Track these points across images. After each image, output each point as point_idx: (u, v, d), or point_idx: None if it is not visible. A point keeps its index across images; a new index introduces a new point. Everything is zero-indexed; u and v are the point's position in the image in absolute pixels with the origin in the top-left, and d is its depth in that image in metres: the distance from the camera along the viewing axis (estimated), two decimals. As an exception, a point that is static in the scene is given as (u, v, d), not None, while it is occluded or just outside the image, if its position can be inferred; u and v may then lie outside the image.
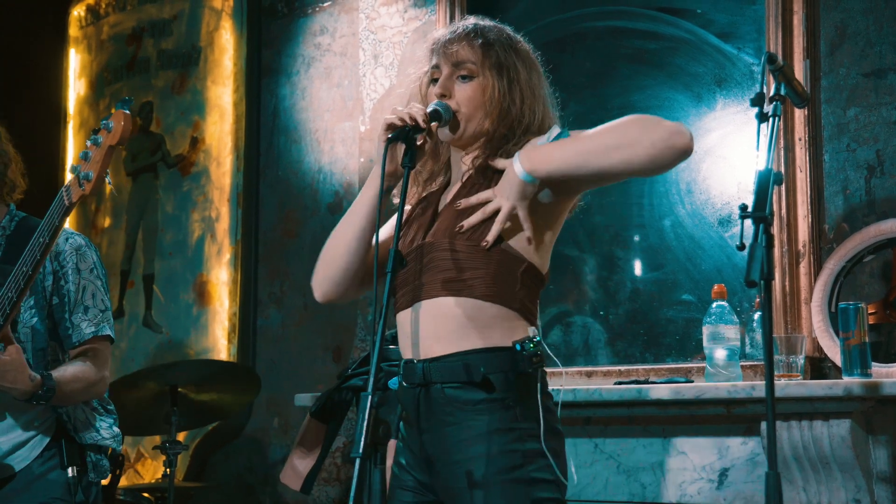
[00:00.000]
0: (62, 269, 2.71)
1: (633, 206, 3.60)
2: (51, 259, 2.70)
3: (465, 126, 2.18)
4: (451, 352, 2.06)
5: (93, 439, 2.68)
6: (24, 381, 2.48)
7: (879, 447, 2.93)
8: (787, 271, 3.22)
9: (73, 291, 2.70)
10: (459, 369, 2.04)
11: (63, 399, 2.60)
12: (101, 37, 5.33)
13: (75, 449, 2.65)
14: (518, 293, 2.09)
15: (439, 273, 2.09)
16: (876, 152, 3.19)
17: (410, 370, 2.11)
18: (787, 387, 2.88)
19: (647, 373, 3.38)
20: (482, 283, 2.06)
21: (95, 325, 2.70)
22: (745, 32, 3.45)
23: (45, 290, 2.69)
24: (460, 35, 2.21)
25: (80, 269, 2.72)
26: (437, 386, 2.07)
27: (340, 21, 4.51)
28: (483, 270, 2.07)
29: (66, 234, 2.74)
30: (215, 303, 4.67)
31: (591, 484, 3.30)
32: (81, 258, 2.73)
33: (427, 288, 2.10)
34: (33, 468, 2.62)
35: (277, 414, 4.46)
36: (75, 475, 2.62)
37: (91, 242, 2.82)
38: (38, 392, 2.52)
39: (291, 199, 4.57)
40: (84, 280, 2.72)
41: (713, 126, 3.48)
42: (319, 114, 4.52)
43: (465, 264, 2.07)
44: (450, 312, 2.07)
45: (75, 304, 2.70)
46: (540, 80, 2.24)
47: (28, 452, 2.62)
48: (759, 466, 3.06)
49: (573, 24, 3.82)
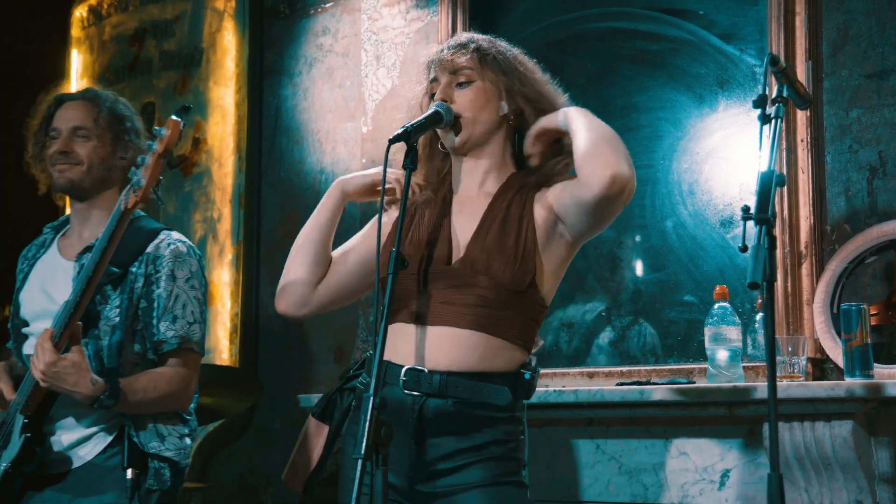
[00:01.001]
0: (156, 274, 2.65)
1: (634, 207, 3.60)
2: (147, 262, 2.65)
3: (472, 129, 2.18)
4: (467, 369, 2.09)
5: (154, 448, 2.59)
6: (85, 385, 2.44)
7: (881, 448, 2.93)
8: (789, 272, 3.21)
9: (163, 298, 2.63)
10: (487, 390, 2.09)
11: (131, 407, 2.55)
12: (104, 37, 5.33)
13: (137, 451, 2.57)
14: (535, 332, 2.19)
15: (470, 306, 2.10)
16: (878, 153, 3.19)
17: (422, 378, 2.09)
18: (788, 388, 2.87)
19: (648, 374, 3.38)
20: (514, 326, 2.12)
21: (181, 335, 2.63)
22: (748, 34, 3.44)
23: (133, 292, 2.64)
24: (455, 46, 2.24)
25: (175, 276, 2.66)
26: (448, 400, 2.08)
27: (342, 22, 4.51)
28: (516, 312, 2.12)
29: (169, 240, 2.70)
30: (217, 303, 4.67)
31: (592, 485, 3.30)
32: (179, 265, 2.67)
33: (452, 315, 2.11)
34: (95, 463, 2.58)
35: (279, 415, 4.46)
36: (134, 478, 2.54)
37: (197, 251, 2.76)
38: (101, 397, 2.46)
39: (293, 199, 4.57)
40: (178, 289, 2.66)
41: (715, 127, 3.48)
42: (321, 114, 4.52)
43: (499, 303, 2.10)
44: (475, 344, 2.10)
45: (164, 311, 2.63)
46: (542, 80, 2.27)
47: (91, 448, 2.59)
48: (760, 468, 3.06)
49: (575, 26, 3.82)
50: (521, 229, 2.13)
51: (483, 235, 2.14)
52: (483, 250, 2.12)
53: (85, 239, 2.73)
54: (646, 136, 3.61)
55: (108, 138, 2.76)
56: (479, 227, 2.16)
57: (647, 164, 3.59)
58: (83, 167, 2.72)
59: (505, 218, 2.15)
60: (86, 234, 2.74)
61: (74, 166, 2.72)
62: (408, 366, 2.11)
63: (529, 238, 2.12)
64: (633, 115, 3.65)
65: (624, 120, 3.66)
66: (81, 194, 2.75)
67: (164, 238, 2.71)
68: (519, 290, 2.10)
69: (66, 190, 2.76)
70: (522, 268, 2.10)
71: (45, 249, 2.81)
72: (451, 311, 2.10)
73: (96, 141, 2.74)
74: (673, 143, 3.56)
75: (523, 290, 2.10)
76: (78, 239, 2.76)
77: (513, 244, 2.11)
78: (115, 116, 2.79)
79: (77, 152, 2.72)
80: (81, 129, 2.74)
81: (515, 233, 2.13)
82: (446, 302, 2.11)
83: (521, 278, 2.10)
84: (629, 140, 3.59)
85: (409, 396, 2.09)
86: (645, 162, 3.60)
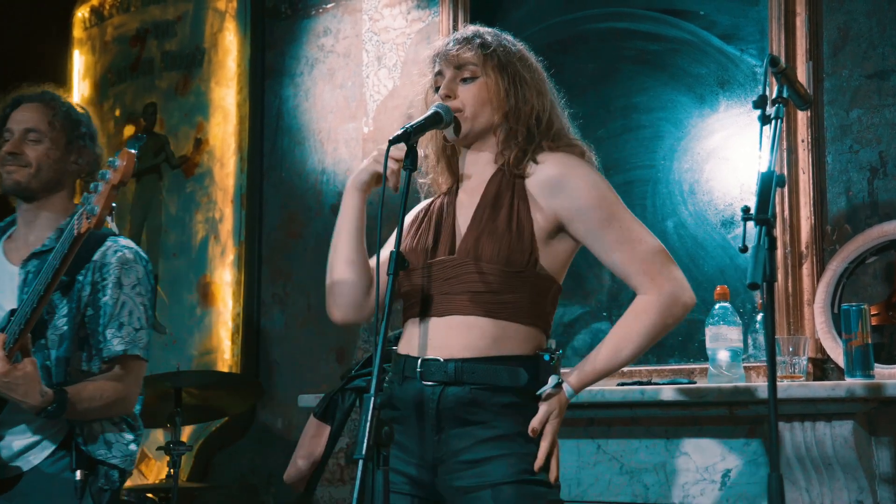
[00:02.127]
0: (102, 282, 2.67)
1: (636, 208, 3.58)
2: (94, 270, 2.67)
3: (472, 124, 2.20)
4: (483, 355, 2.10)
5: (102, 456, 2.63)
6: (34, 396, 2.46)
7: (882, 448, 2.93)
8: (790, 273, 3.22)
9: (109, 305, 2.65)
10: (501, 373, 2.09)
11: (77, 415, 2.57)
12: (105, 38, 5.33)
13: (85, 457, 2.61)
14: (549, 314, 2.19)
15: (471, 292, 2.11)
16: (879, 154, 3.19)
17: (437, 368, 2.10)
18: (789, 388, 2.88)
19: (649, 374, 3.39)
20: (520, 308, 2.12)
21: (126, 343, 2.65)
22: (748, 34, 3.45)
23: (80, 300, 2.65)
24: (460, 40, 2.25)
25: (122, 283, 2.68)
26: (465, 387, 2.09)
27: (344, 22, 4.52)
28: (520, 294, 2.12)
29: (116, 247, 2.71)
30: (219, 304, 4.67)
31: (594, 485, 3.31)
32: (126, 273, 2.69)
33: (459, 303, 2.12)
34: (42, 468, 2.60)
35: (281, 415, 4.47)
36: (83, 479, 2.58)
37: (144, 257, 2.77)
38: (48, 408, 2.49)
39: (295, 200, 4.57)
40: (124, 296, 2.67)
41: (716, 128, 3.48)
42: (323, 115, 4.53)
43: (499, 286, 2.11)
44: (485, 329, 2.11)
45: (110, 318, 2.65)
46: (542, 78, 2.28)
47: (38, 454, 2.61)
48: (761, 468, 3.06)
49: (576, 26, 3.82)
50: (513, 211, 2.14)
51: (478, 222, 2.16)
52: (478, 236, 2.14)
53: (31, 243, 2.73)
54: (647, 137, 3.61)
55: (62, 142, 2.76)
56: (475, 215, 2.18)
57: (647, 165, 3.60)
58: (31, 170, 2.72)
59: (495, 203, 2.16)
60: (31, 238, 2.75)
61: (22, 168, 2.72)
62: (422, 357, 2.13)
63: (523, 219, 2.14)
64: (633, 116, 3.65)
65: (625, 120, 3.66)
66: (29, 196, 2.75)
67: (111, 245, 2.72)
68: (518, 270, 2.11)
69: (13, 191, 2.76)
70: (518, 248, 2.11)
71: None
72: (457, 300, 2.12)
73: (48, 144, 2.74)
74: (674, 143, 3.56)
75: (523, 269, 2.11)
76: (24, 243, 2.75)
77: (505, 227, 2.13)
78: (71, 120, 2.78)
79: (27, 154, 2.72)
80: (34, 131, 2.74)
81: (507, 216, 2.14)
82: (451, 291, 2.13)
83: (517, 258, 2.11)
84: (630, 140, 3.66)
85: (427, 388, 2.11)
86: (646, 162, 3.60)
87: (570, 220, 2.15)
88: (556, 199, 2.15)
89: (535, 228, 2.14)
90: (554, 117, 2.26)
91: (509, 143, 2.21)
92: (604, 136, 3.67)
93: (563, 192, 2.15)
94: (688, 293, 2.14)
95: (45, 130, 2.74)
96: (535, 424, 2.09)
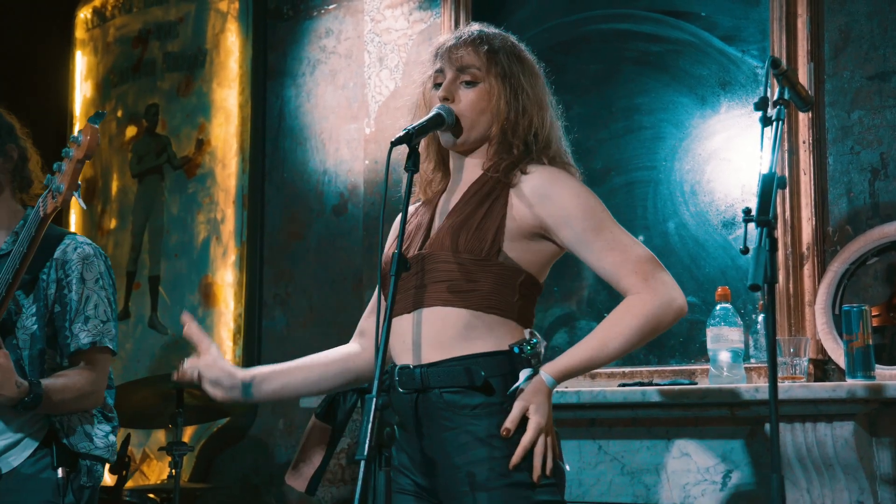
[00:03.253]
0: (66, 278, 2.69)
1: (637, 208, 3.60)
2: (56, 267, 2.69)
3: (469, 132, 2.19)
4: (450, 357, 2.08)
5: (85, 448, 2.65)
6: (9, 388, 2.48)
7: (883, 449, 2.93)
8: (791, 274, 3.22)
9: (74, 301, 2.68)
10: (460, 374, 2.05)
11: (52, 408, 2.59)
12: (108, 39, 5.34)
13: (67, 452, 2.63)
14: (516, 303, 2.11)
15: (440, 283, 2.10)
16: (880, 155, 3.20)
17: (407, 376, 2.10)
18: (790, 389, 2.88)
19: (650, 374, 3.39)
20: (481, 294, 2.08)
21: (94, 335, 2.68)
22: (749, 35, 3.45)
23: (47, 298, 2.68)
24: (465, 40, 2.21)
25: (84, 278, 2.71)
26: (435, 391, 2.07)
27: (345, 23, 4.52)
28: (482, 282, 2.08)
29: (75, 244, 2.73)
30: (220, 304, 4.68)
31: (595, 485, 3.31)
32: (88, 268, 2.72)
33: (427, 296, 2.10)
34: (23, 469, 2.61)
35: (283, 415, 4.47)
36: (65, 476, 2.60)
37: (102, 252, 2.80)
38: (25, 399, 2.51)
39: (296, 200, 4.58)
40: (88, 290, 2.70)
41: (717, 129, 3.49)
42: (324, 116, 4.53)
43: (465, 276, 2.08)
44: (449, 321, 2.08)
45: (76, 313, 2.68)
46: (544, 90, 2.24)
47: (18, 453, 2.62)
48: (762, 469, 3.06)
49: (578, 27, 3.82)
50: (485, 204, 2.13)
51: (451, 219, 2.15)
52: (449, 228, 2.12)
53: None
54: (648, 138, 3.62)
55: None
56: (449, 213, 2.17)
57: (649, 166, 3.60)
58: None
59: (471, 201, 2.15)
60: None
61: None
62: (399, 364, 2.13)
63: (495, 213, 2.11)
64: (635, 117, 3.66)
65: (626, 121, 3.67)
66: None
67: (71, 242, 2.74)
68: (480, 257, 2.07)
69: None
70: (481, 236, 2.08)
71: None
72: (424, 293, 2.10)
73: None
74: (675, 144, 3.56)
75: (487, 257, 2.07)
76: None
77: (474, 220, 2.11)
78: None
79: None
80: None
81: (478, 208, 2.12)
82: (418, 285, 2.11)
83: (476, 245, 2.08)
84: (631, 141, 3.66)
85: (406, 396, 2.11)
86: (647, 163, 3.60)
87: (558, 228, 2.11)
88: (543, 208, 2.12)
89: (505, 222, 2.11)
90: (553, 137, 2.22)
91: (502, 154, 2.18)
92: (605, 138, 3.68)
93: (549, 201, 2.11)
94: (682, 298, 2.09)
95: None
96: (507, 425, 2.01)
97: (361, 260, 4.30)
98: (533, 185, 2.14)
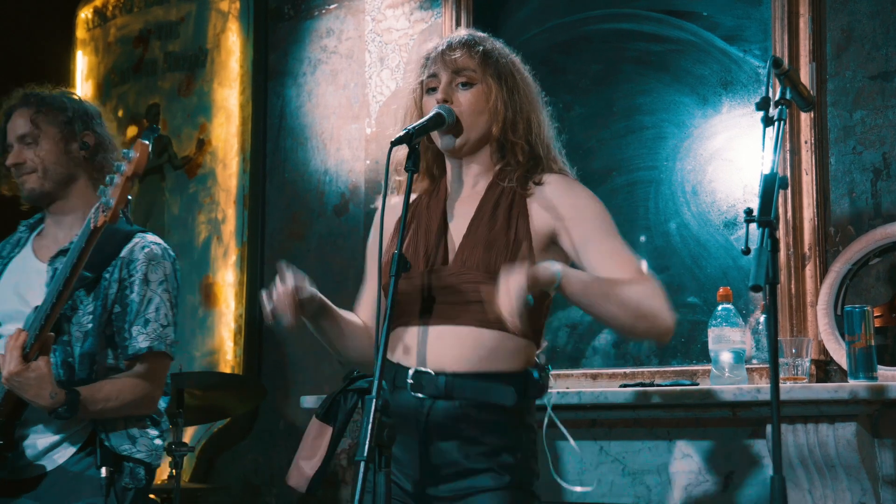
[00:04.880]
0: (130, 279, 2.66)
1: (639, 209, 3.60)
2: (121, 266, 2.66)
3: (469, 132, 2.18)
4: (476, 370, 2.09)
5: (126, 451, 2.61)
6: (44, 398, 2.45)
7: (885, 450, 2.93)
8: (793, 274, 3.21)
9: (136, 302, 2.64)
10: (492, 391, 2.08)
11: (92, 415, 2.56)
12: (108, 39, 5.34)
13: (110, 454, 2.59)
14: (541, 325, 2.18)
15: (465, 303, 2.10)
16: (882, 155, 3.19)
17: (428, 381, 2.10)
18: (792, 390, 2.87)
19: (652, 375, 3.38)
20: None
21: (152, 340, 2.63)
22: (751, 35, 3.44)
23: (107, 298, 2.64)
24: (458, 43, 2.22)
25: (149, 280, 2.67)
26: (457, 401, 2.08)
27: (346, 23, 4.52)
28: None
29: (143, 242, 2.70)
30: (221, 304, 4.67)
31: (596, 486, 3.30)
32: (153, 269, 2.68)
33: (450, 313, 2.11)
34: (67, 467, 2.59)
35: (283, 416, 4.47)
36: (108, 476, 2.56)
37: (171, 254, 2.76)
38: (59, 409, 2.48)
39: (297, 200, 4.58)
40: (150, 292, 2.66)
41: (719, 129, 3.48)
42: (326, 116, 4.53)
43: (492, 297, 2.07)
44: (477, 340, 2.10)
45: (136, 315, 2.64)
46: (536, 92, 2.27)
47: (62, 452, 2.60)
48: (764, 469, 3.06)
49: (579, 27, 3.82)
50: (511, 220, 2.13)
51: (474, 232, 2.15)
52: (475, 245, 2.13)
53: (60, 241, 2.73)
54: (649, 138, 3.61)
55: (53, 135, 2.74)
56: (471, 225, 2.17)
57: (650, 166, 3.59)
58: (38, 174, 2.72)
59: (493, 213, 2.16)
60: (60, 236, 2.74)
61: (30, 175, 2.72)
62: (413, 367, 2.12)
63: (521, 228, 2.13)
64: (636, 117, 3.65)
65: (628, 121, 3.66)
66: (48, 199, 2.75)
67: (139, 241, 2.71)
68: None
69: (32, 200, 2.77)
70: (514, 256, 2.10)
71: (19, 248, 2.80)
72: (451, 310, 2.11)
73: (43, 143, 2.73)
74: (677, 144, 3.56)
75: None
76: (53, 241, 2.75)
77: (503, 235, 2.12)
78: (53, 111, 2.76)
79: (29, 161, 2.72)
80: (25, 136, 2.73)
81: (505, 225, 2.13)
82: (445, 301, 2.12)
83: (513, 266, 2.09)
84: (633, 141, 3.66)
85: (417, 399, 2.10)
86: (649, 163, 3.60)
87: (569, 227, 2.12)
88: (558, 212, 2.14)
89: (531, 237, 2.13)
90: (548, 137, 2.25)
91: (509, 159, 2.20)
92: (607, 137, 3.67)
93: (564, 205, 2.14)
94: (672, 321, 2.06)
95: (30, 131, 2.73)
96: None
97: (363, 260, 4.30)
98: (549, 195, 2.16)
